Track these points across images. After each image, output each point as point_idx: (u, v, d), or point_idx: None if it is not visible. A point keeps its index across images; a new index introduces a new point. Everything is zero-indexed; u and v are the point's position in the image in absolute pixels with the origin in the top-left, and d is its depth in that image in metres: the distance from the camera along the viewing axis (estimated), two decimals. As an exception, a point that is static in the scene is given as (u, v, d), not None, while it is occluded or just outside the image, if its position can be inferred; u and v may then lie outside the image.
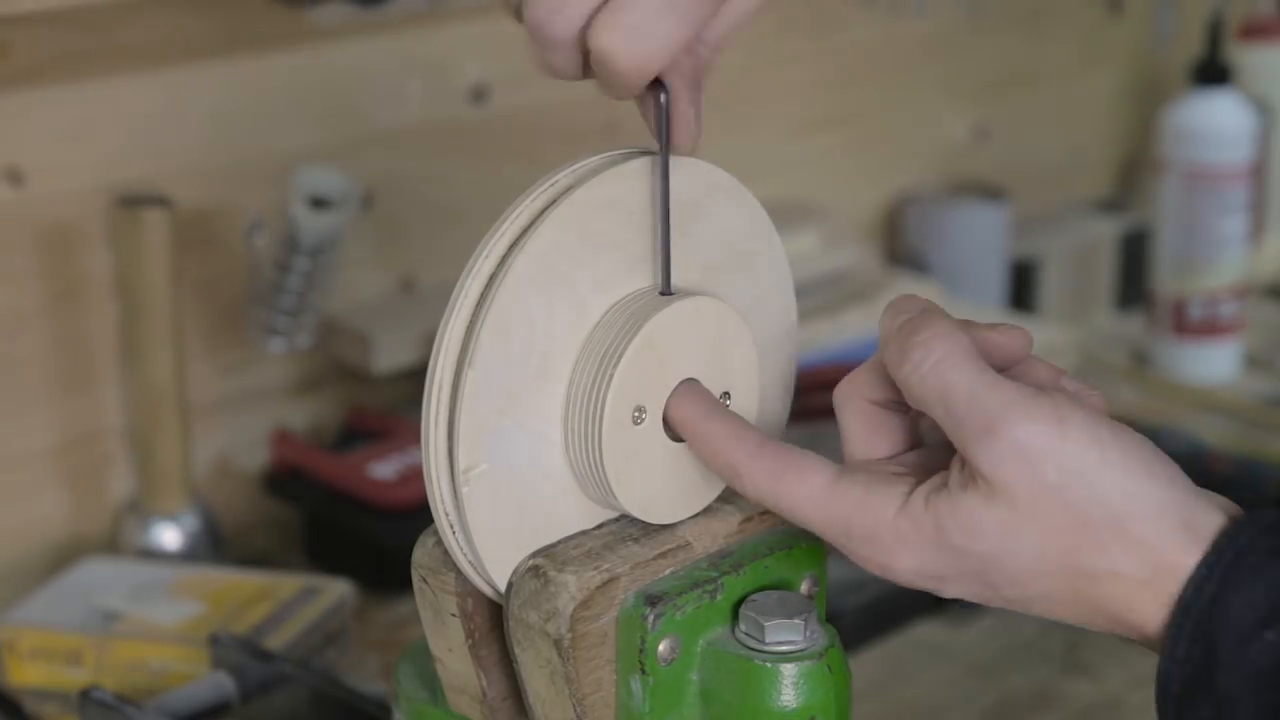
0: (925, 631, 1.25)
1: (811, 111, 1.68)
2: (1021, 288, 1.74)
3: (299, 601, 1.18)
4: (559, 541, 0.73)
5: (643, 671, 0.72)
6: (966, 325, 0.71)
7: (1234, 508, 0.69)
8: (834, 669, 0.73)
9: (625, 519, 0.75)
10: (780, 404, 0.80)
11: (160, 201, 1.26)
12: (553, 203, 0.71)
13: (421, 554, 0.74)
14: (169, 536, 1.29)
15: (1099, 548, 0.67)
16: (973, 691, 1.19)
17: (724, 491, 0.77)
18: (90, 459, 1.31)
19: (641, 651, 0.71)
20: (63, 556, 1.29)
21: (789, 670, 0.72)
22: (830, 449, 0.74)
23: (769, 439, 0.72)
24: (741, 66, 1.61)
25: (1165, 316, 1.68)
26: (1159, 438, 1.02)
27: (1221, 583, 0.66)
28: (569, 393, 0.72)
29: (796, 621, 0.72)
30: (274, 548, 1.36)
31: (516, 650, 0.73)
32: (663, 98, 0.71)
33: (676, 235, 0.74)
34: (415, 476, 1.24)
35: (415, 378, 0.77)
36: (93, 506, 1.31)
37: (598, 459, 0.72)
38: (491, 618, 0.74)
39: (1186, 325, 1.66)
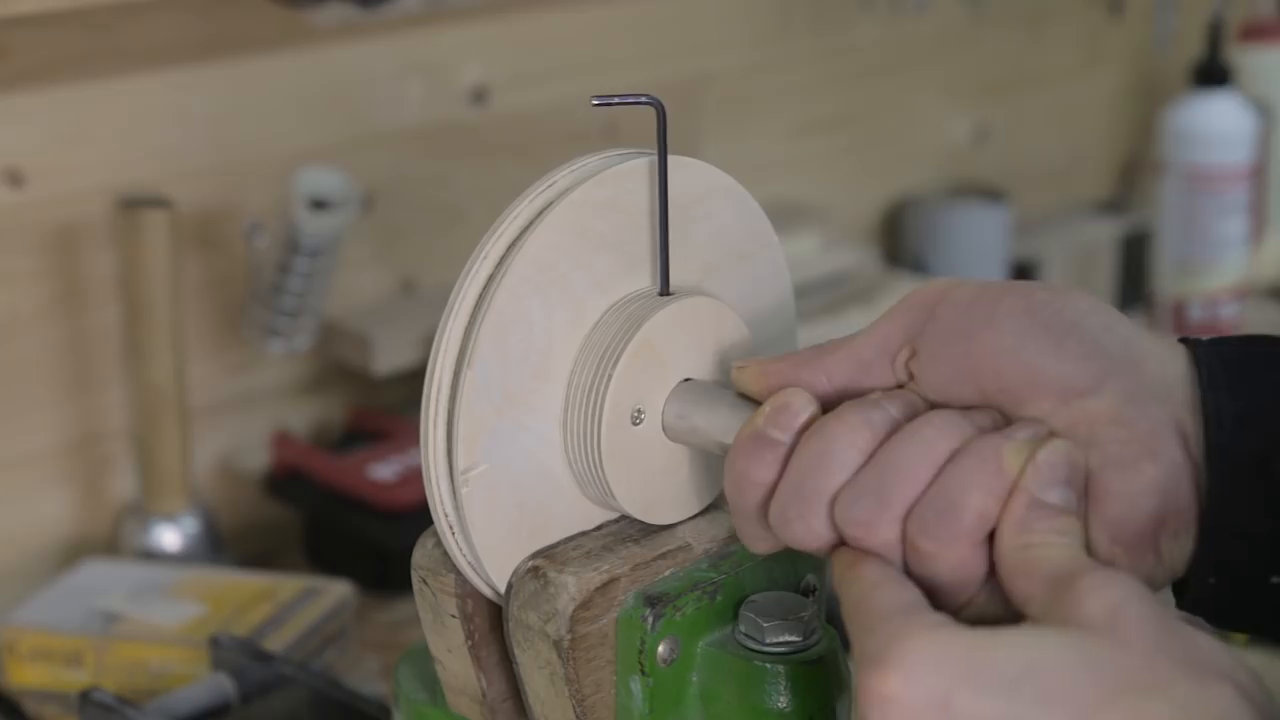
0: (925, 632, 1.25)
1: (811, 111, 1.67)
2: (1022, 288, 1.74)
3: (299, 603, 1.18)
4: (558, 542, 0.73)
5: (642, 673, 0.71)
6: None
7: None
8: (834, 669, 0.73)
9: (625, 520, 0.75)
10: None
11: (161, 202, 1.26)
12: (551, 203, 0.71)
13: (421, 555, 0.74)
14: (169, 538, 1.29)
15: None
16: (973, 692, 1.19)
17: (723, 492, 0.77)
18: (91, 460, 1.31)
19: (641, 653, 0.71)
20: (64, 557, 1.29)
21: (789, 671, 0.72)
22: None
23: None
24: (741, 66, 1.61)
25: (1166, 318, 1.68)
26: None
27: None
28: (568, 393, 0.72)
29: (796, 622, 0.72)
30: (274, 549, 1.36)
31: (516, 651, 0.73)
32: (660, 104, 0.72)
33: (675, 236, 0.73)
34: (415, 477, 1.24)
35: (415, 378, 0.77)
36: (93, 508, 1.31)
37: (597, 459, 0.72)
38: (491, 619, 0.74)
39: (1187, 326, 1.66)
